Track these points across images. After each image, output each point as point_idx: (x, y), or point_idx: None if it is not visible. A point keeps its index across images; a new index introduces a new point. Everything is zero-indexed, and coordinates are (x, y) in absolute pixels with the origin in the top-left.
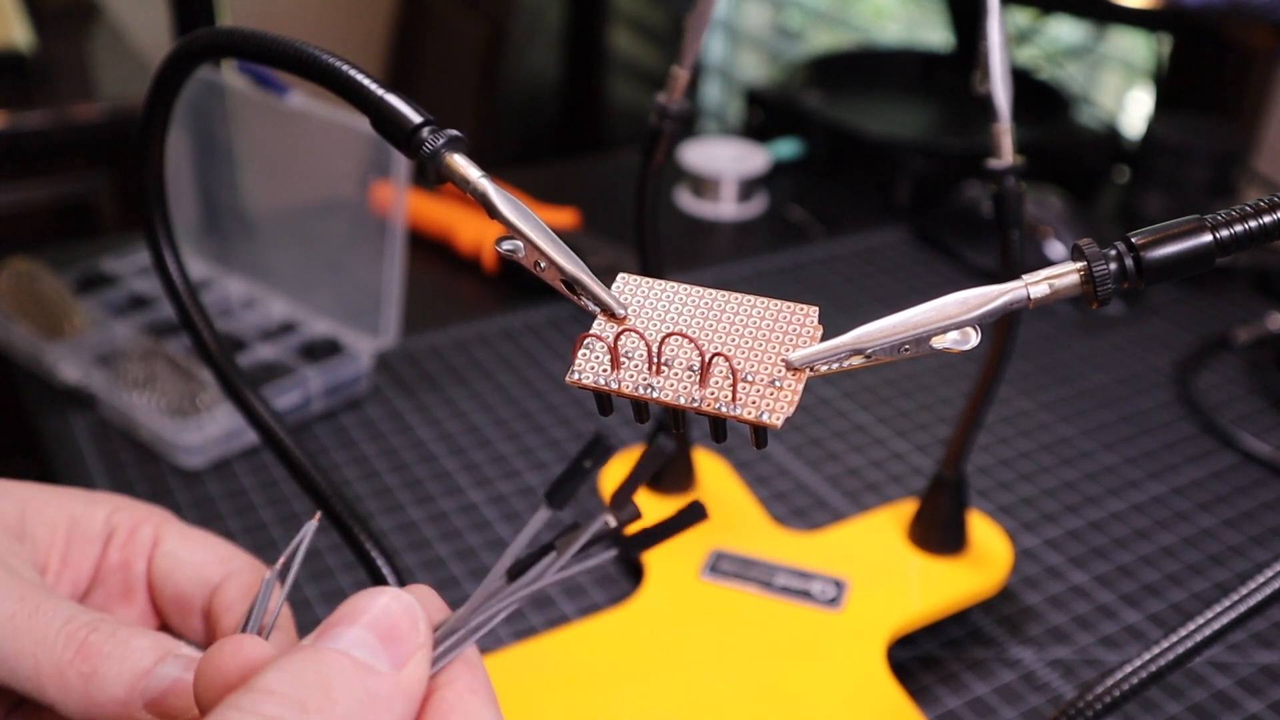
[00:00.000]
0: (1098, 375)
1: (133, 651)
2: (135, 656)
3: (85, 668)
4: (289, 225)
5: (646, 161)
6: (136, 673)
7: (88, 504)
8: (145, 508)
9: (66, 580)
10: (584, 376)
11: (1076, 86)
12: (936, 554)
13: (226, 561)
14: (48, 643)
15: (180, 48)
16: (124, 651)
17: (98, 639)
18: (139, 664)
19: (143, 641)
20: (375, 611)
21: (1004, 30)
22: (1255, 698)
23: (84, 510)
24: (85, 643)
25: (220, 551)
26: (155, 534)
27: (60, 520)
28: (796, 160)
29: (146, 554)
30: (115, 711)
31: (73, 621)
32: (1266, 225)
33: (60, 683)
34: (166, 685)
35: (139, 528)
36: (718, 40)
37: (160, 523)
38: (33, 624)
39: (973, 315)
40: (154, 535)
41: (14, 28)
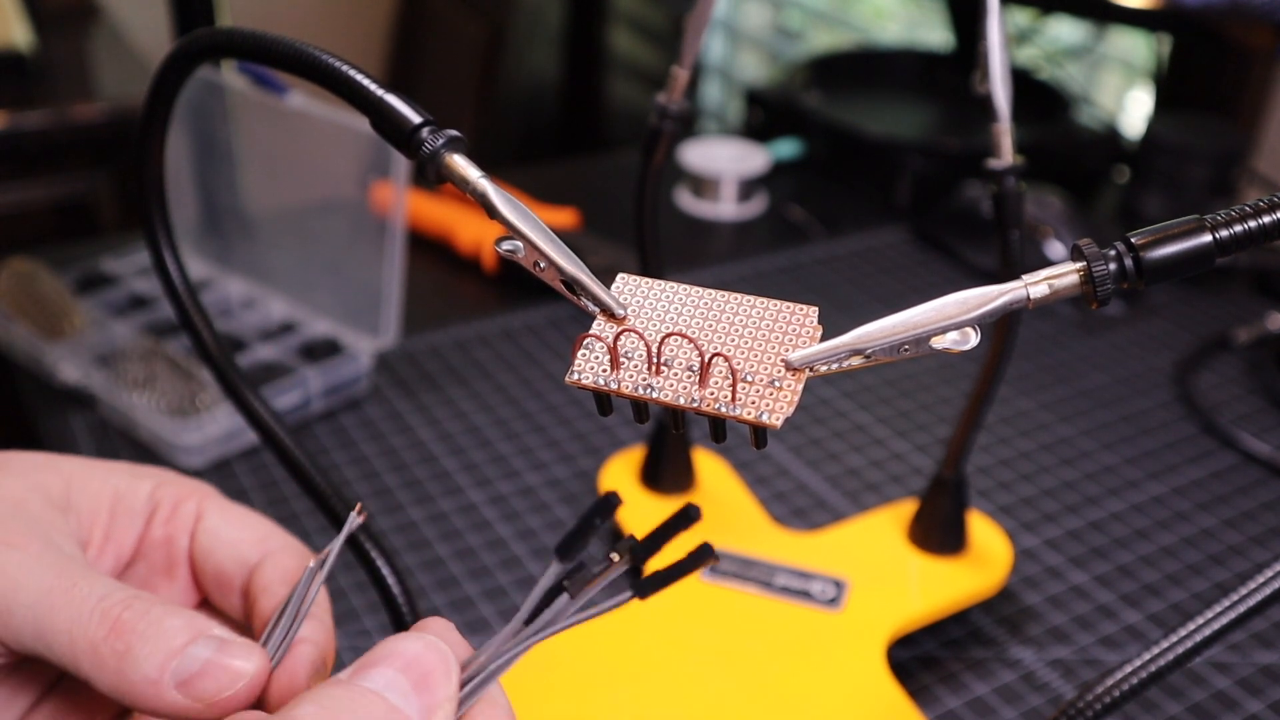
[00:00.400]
0: (1098, 375)
1: (165, 631)
2: (168, 636)
3: (119, 645)
4: (289, 225)
5: (646, 161)
6: (168, 652)
7: (132, 478)
8: (190, 483)
9: (109, 554)
10: (584, 376)
11: (1076, 86)
12: (936, 554)
13: (265, 541)
14: (82, 619)
15: (180, 48)
16: (157, 631)
17: (131, 616)
18: (171, 643)
19: (176, 621)
20: (409, 656)
21: (1004, 30)
22: (1255, 698)
23: (128, 484)
24: (119, 620)
25: (260, 530)
26: (198, 509)
27: (104, 494)
28: (796, 160)
29: (189, 530)
30: (146, 691)
31: (108, 598)
32: (1266, 225)
33: (94, 659)
34: (198, 668)
35: (182, 503)
36: (718, 40)
37: (203, 498)
38: (69, 600)
39: (972, 315)
40: (197, 511)
41: (14, 28)
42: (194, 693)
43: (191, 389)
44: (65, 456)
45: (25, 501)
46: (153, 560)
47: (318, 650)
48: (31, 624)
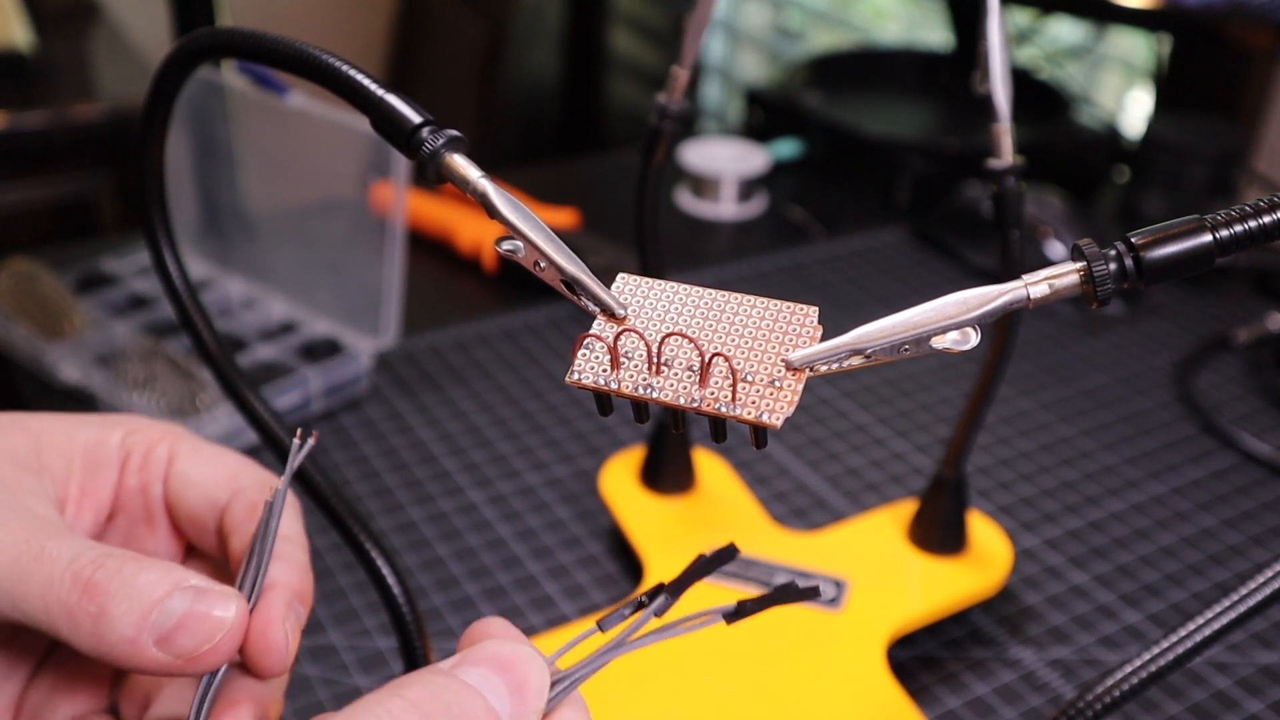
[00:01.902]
0: (1098, 375)
1: (139, 588)
2: (142, 592)
3: (92, 607)
4: (289, 225)
5: (646, 161)
6: (144, 609)
7: (101, 429)
8: (160, 426)
9: (87, 509)
10: (584, 376)
11: (1076, 86)
12: (936, 554)
13: (235, 478)
14: (54, 583)
15: (180, 48)
16: (130, 589)
17: (103, 576)
18: (146, 600)
19: (150, 575)
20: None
21: (1004, 30)
22: (1255, 698)
23: (98, 436)
24: (90, 581)
25: (229, 468)
26: (170, 452)
27: (75, 449)
28: (796, 160)
29: (162, 475)
30: (126, 650)
31: (78, 559)
32: (1266, 225)
33: (70, 623)
34: (175, 622)
35: (153, 448)
36: (718, 40)
37: (174, 440)
38: (39, 565)
39: (973, 315)
40: (168, 454)
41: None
42: (174, 648)
43: (191, 389)
44: (32, 415)
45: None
46: (132, 511)
47: (289, 592)
48: (6, 593)
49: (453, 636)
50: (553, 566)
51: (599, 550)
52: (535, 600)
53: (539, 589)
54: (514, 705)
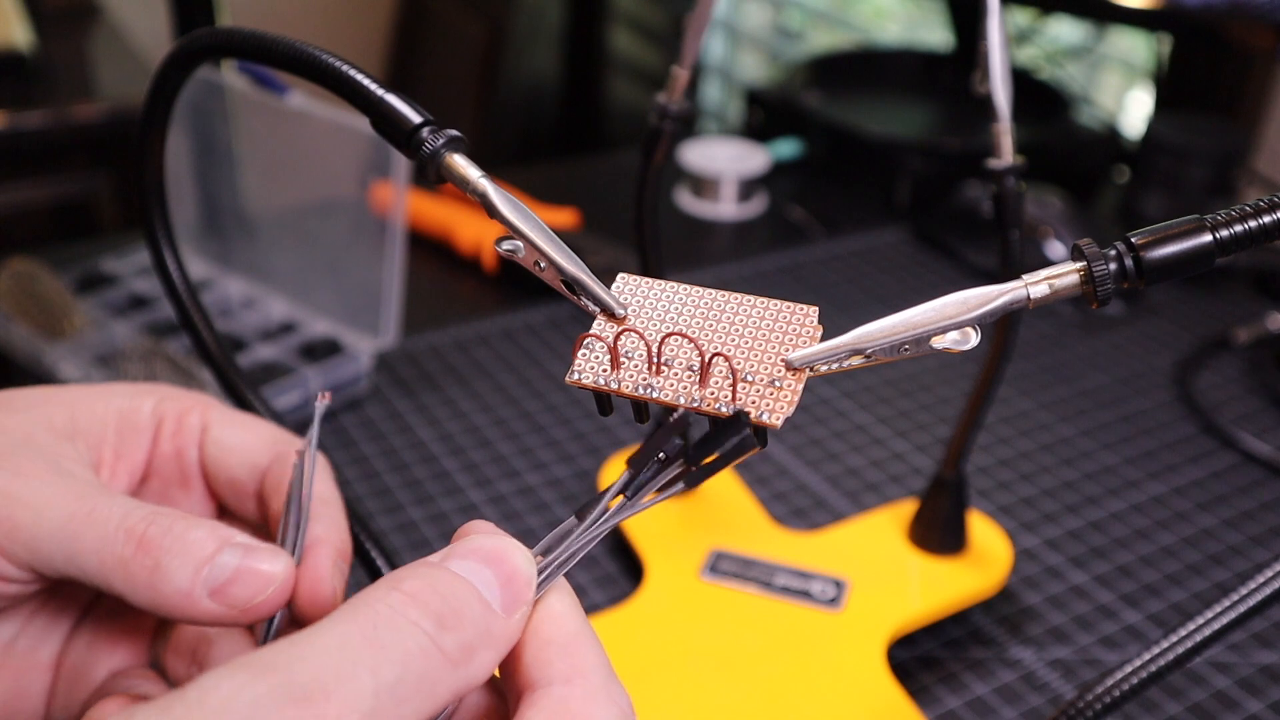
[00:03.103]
0: (1098, 375)
1: (191, 543)
2: (195, 547)
3: (148, 561)
4: (289, 225)
5: (646, 161)
6: (198, 562)
7: (133, 397)
8: (189, 395)
9: (122, 473)
10: (584, 376)
11: (1076, 86)
12: (936, 554)
13: (273, 445)
14: (108, 539)
15: (180, 48)
16: (182, 544)
17: (156, 532)
18: (200, 553)
19: (199, 532)
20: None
21: (1004, 30)
22: (1255, 698)
23: (130, 403)
24: (144, 536)
25: (266, 434)
26: (203, 420)
27: (109, 415)
28: (796, 160)
29: (197, 441)
30: (181, 602)
31: (129, 516)
32: (1266, 225)
33: (126, 577)
34: (229, 574)
35: (185, 416)
36: (718, 40)
37: (206, 409)
38: (92, 522)
39: (973, 315)
40: (201, 422)
41: (14, 28)
42: (228, 599)
43: (192, 389)
44: (63, 386)
45: (32, 435)
46: (166, 475)
47: (333, 549)
48: (61, 550)
49: None
50: None
51: (599, 550)
52: None
53: None
54: (504, 594)
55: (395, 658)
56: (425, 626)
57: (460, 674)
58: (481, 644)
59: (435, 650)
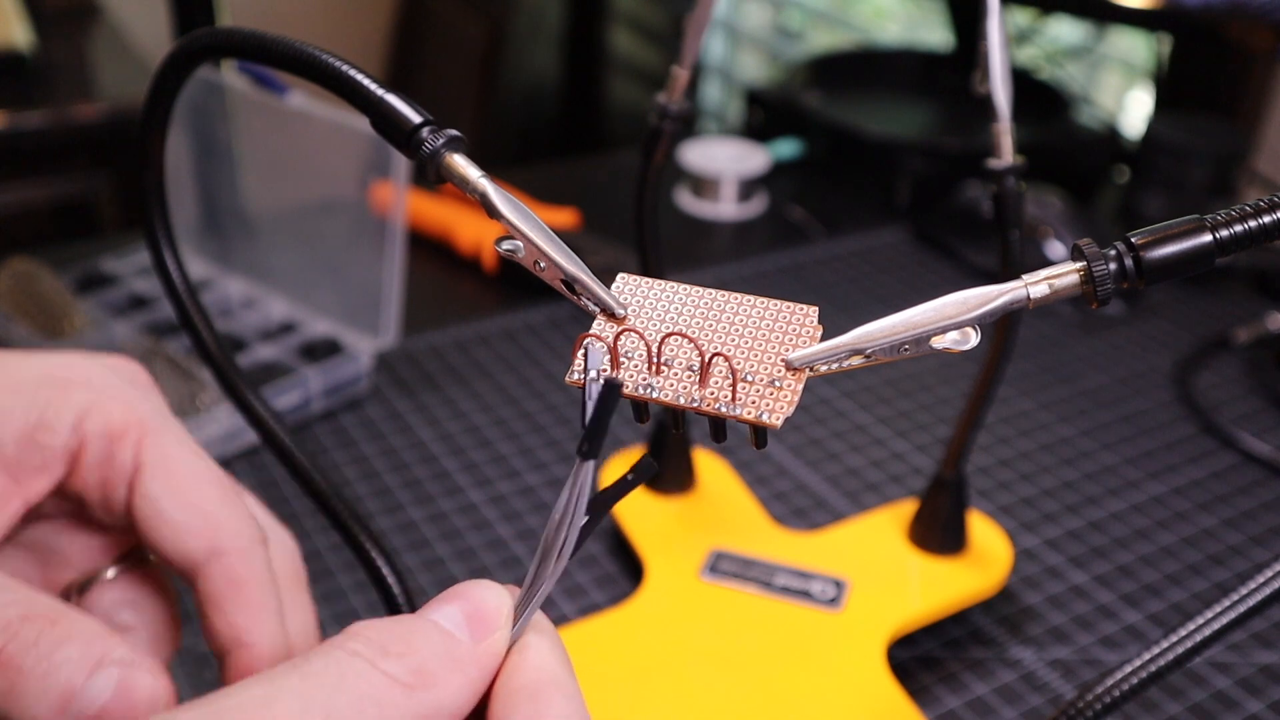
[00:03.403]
0: (1098, 375)
1: (57, 666)
2: (62, 672)
3: (3, 683)
4: (289, 225)
5: (646, 161)
6: (64, 692)
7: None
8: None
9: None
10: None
11: (1076, 86)
12: (936, 554)
13: (214, 535)
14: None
15: (180, 48)
16: (46, 667)
17: (16, 650)
18: (67, 681)
19: (70, 652)
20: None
21: (1004, 30)
22: (1255, 698)
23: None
24: (3, 653)
25: (209, 513)
26: (135, 459)
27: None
28: (796, 160)
29: (126, 481)
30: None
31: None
32: (1266, 225)
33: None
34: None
35: (116, 444)
36: (718, 40)
37: (141, 439)
38: None
39: (973, 315)
40: (134, 461)
41: (14, 28)
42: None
43: (191, 389)
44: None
45: None
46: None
47: None
48: None
49: None
50: None
51: (599, 550)
52: None
53: None
54: (470, 623)
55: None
56: (365, 654)
57: (419, 698)
58: (442, 668)
59: (376, 673)
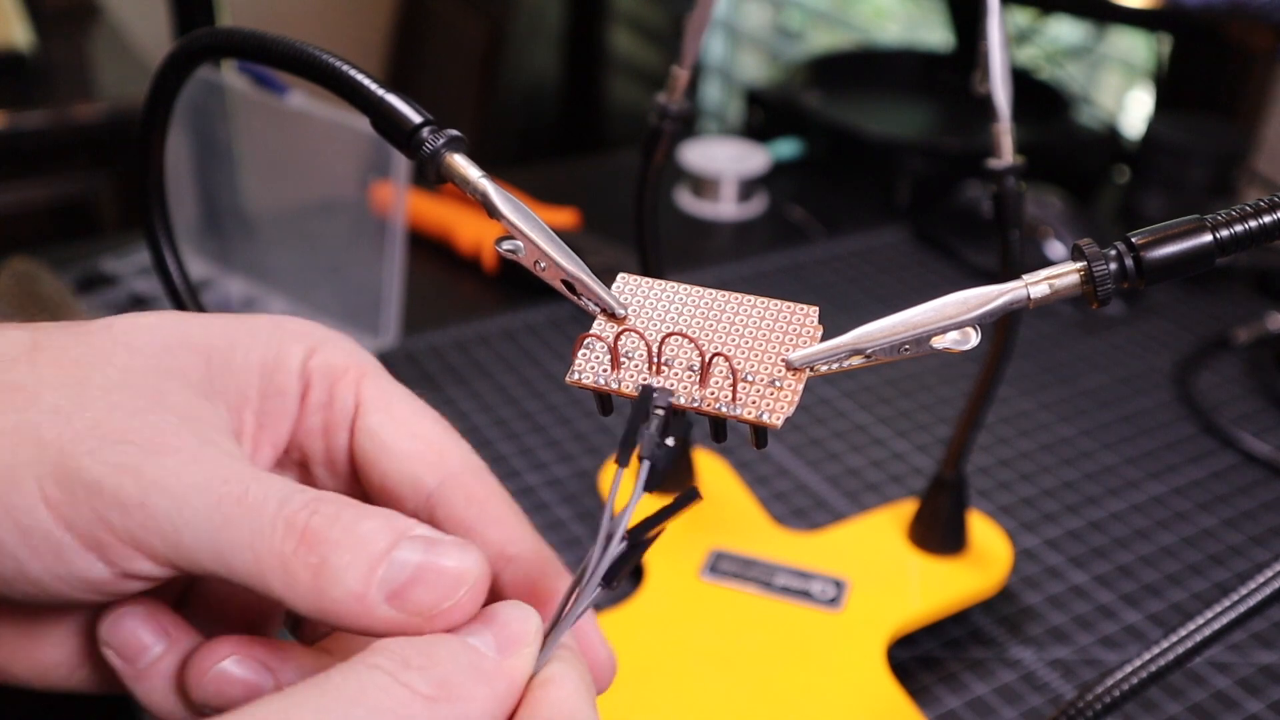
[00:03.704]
0: (1098, 375)
1: (362, 536)
2: (367, 542)
3: (312, 558)
4: (289, 225)
5: (646, 161)
6: (370, 561)
7: (280, 345)
8: (343, 351)
9: (265, 445)
10: (584, 376)
11: (1076, 86)
12: (936, 554)
13: (442, 459)
14: (264, 532)
15: (180, 48)
16: (352, 538)
17: (320, 523)
18: (372, 550)
19: (372, 523)
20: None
21: (1004, 30)
22: (1255, 698)
23: (276, 355)
24: (307, 529)
25: (434, 440)
26: (356, 395)
27: (250, 371)
28: (796, 160)
29: (348, 423)
30: (351, 609)
31: (288, 504)
32: (1266, 225)
33: (285, 577)
34: (409, 574)
35: (337, 383)
36: (718, 40)
37: (361, 377)
38: (244, 509)
39: (973, 315)
40: (354, 399)
41: (14, 28)
42: (410, 605)
43: None
44: (195, 321)
45: (164, 392)
46: (310, 451)
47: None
48: (207, 544)
49: None
50: None
51: None
52: None
53: None
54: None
55: (346, 695)
56: (386, 666)
57: (442, 710)
58: (467, 679)
59: (397, 686)
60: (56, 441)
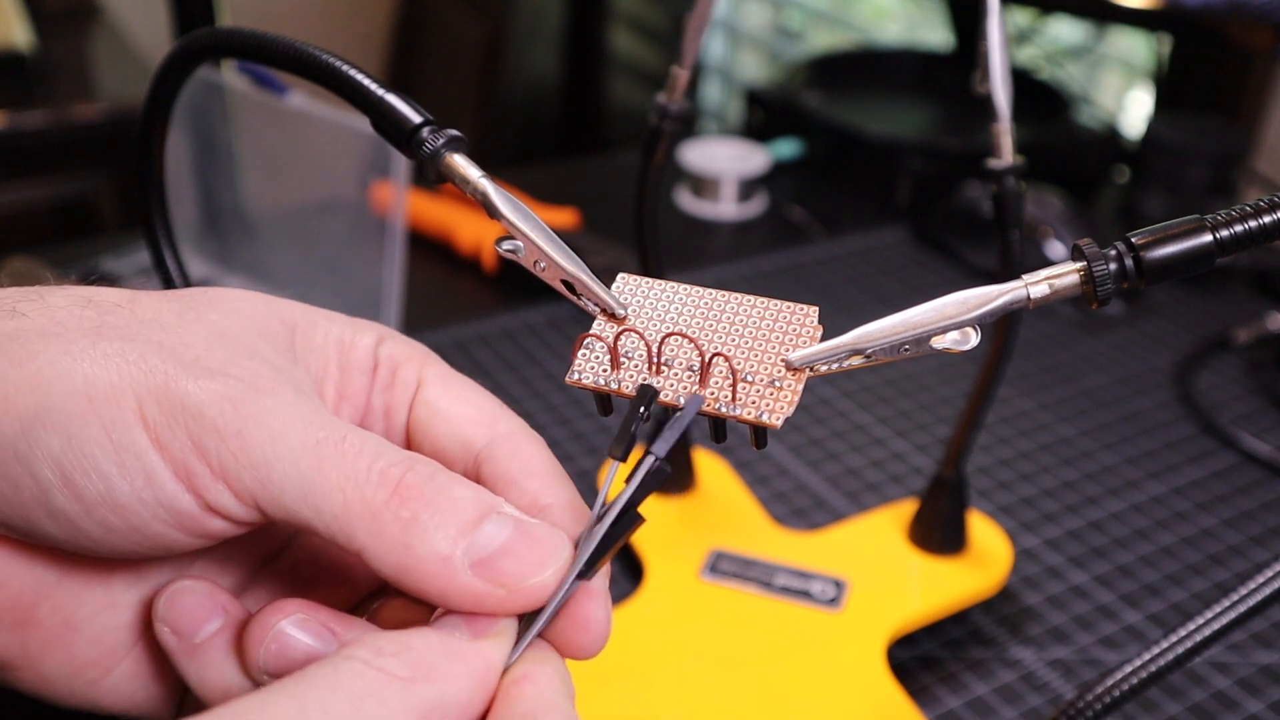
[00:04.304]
0: (1098, 375)
1: (455, 501)
2: (460, 507)
3: (404, 512)
4: (289, 225)
5: (646, 161)
6: (461, 525)
7: (354, 330)
8: (409, 343)
9: (344, 414)
10: (584, 376)
11: (1076, 86)
12: (936, 554)
13: (493, 422)
14: (358, 479)
15: (180, 48)
16: (446, 499)
17: (415, 480)
18: (463, 515)
19: (465, 491)
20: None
21: (1004, 30)
22: (1255, 698)
23: (352, 336)
24: (402, 482)
25: (486, 408)
26: (418, 376)
27: (330, 344)
28: (796, 160)
29: (408, 400)
30: (435, 569)
31: (383, 456)
32: (1266, 225)
33: (374, 526)
34: (498, 545)
35: (401, 367)
36: (718, 40)
37: (424, 362)
38: (341, 454)
39: (973, 315)
40: (417, 378)
41: (14, 28)
42: (497, 575)
43: None
44: (276, 297)
45: (257, 347)
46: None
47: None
48: (296, 482)
49: None
50: None
51: None
52: None
53: None
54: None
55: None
56: (361, 655)
57: (420, 691)
58: (442, 660)
59: (373, 671)
60: (161, 366)
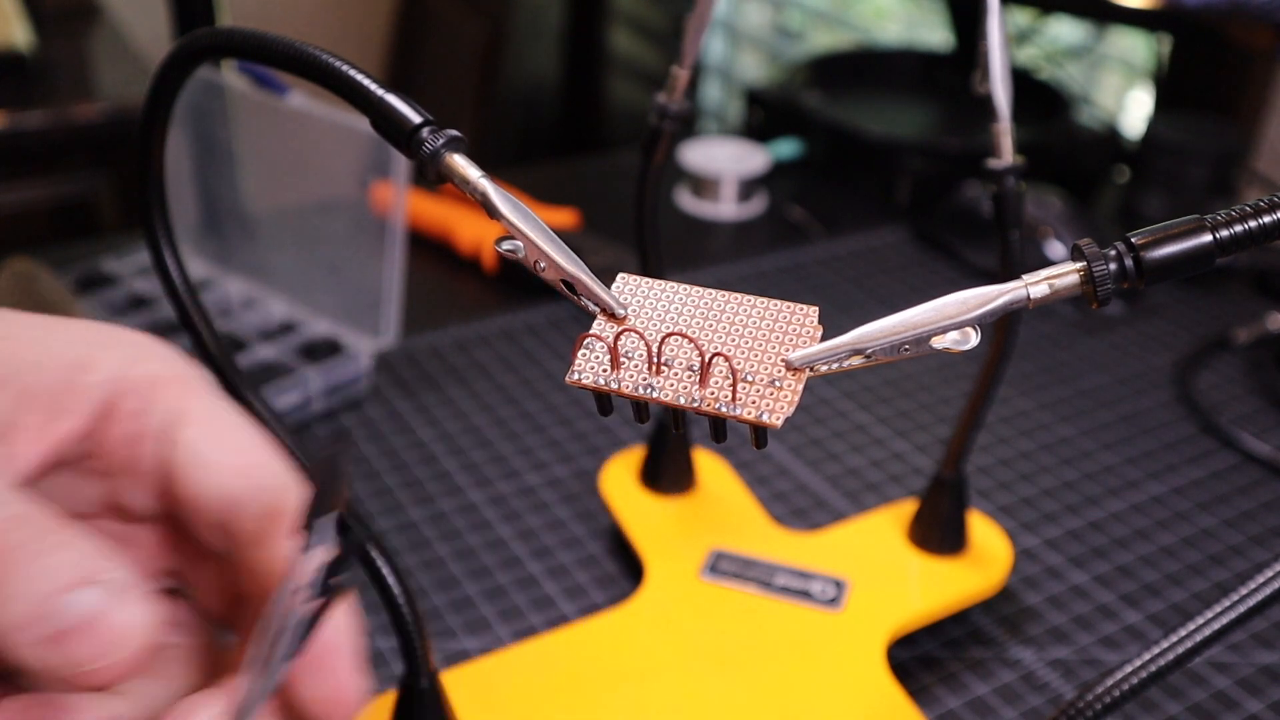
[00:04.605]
0: (1098, 375)
1: (42, 571)
2: (49, 575)
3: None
4: (289, 225)
5: (646, 161)
6: (43, 594)
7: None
8: (174, 365)
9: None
10: (584, 376)
11: (1076, 86)
12: (936, 554)
13: (253, 471)
14: None
15: (180, 48)
16: (36, 567)
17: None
18: (49, 584)
19: (60, 560)
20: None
21: (1004, 30)
22: (1255, 698)
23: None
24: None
25: (250, 456)
26: (180, 406)
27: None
28: (796, 160)
29: (158, 436)
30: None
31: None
32: (1266, 225)
33: None
34: (74, 621)
35: (157, 392)
36: (718, 40)
37: (186, 392)
38: None
39: (973, 315)
40: (179, 407)
41: (14, 28)
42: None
43: None
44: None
45: None
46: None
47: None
48: None
49: (453, 636)
50: (553, 566)
51: (599, 550)
52: (535, 600)
53: (539, 589)
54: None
55: None
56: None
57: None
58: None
59: None
60: None
